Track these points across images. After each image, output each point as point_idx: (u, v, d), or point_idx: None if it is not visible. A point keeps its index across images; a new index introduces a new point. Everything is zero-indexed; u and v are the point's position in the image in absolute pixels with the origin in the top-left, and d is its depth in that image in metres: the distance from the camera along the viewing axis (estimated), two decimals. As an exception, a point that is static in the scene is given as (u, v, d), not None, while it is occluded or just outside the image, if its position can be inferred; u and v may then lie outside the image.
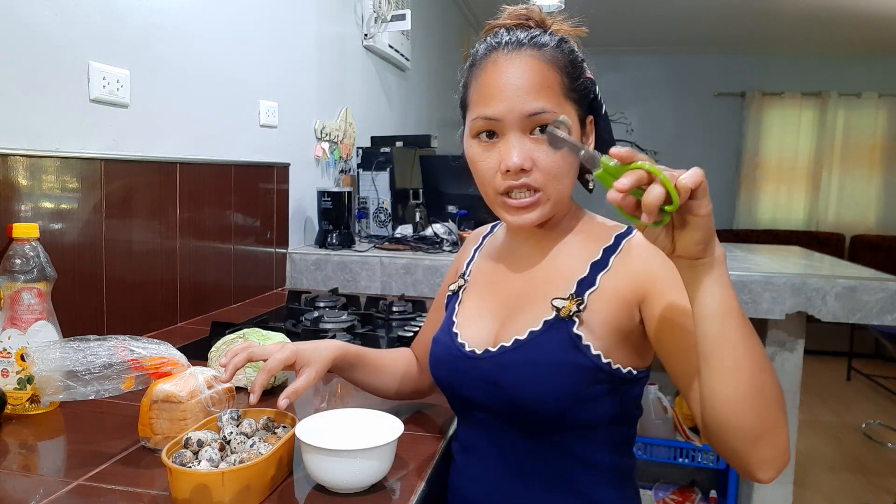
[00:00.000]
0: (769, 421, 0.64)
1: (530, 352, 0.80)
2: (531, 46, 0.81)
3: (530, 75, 0.79)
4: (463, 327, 0.89)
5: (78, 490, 0.74)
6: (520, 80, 0.79)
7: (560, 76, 0.81)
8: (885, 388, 4.49)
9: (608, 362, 0.78)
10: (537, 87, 0.79)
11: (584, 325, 0.79)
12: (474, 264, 0.98)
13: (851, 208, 5.86)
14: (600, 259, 0.82)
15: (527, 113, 0.79)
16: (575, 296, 0.80)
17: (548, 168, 0.80)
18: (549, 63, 0.80)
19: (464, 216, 2.34)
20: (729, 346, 0.63)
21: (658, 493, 2.32)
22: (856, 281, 1.82)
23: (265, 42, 1.91)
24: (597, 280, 0.81)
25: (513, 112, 0.79)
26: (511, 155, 0.79)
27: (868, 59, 5.71)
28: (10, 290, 0.95)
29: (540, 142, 0.79)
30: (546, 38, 0.82)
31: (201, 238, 1.62)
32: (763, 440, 0.64)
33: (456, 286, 0.96)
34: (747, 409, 0.64)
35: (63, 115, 1.21)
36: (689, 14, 4.75)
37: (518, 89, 0.79)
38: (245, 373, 1.05)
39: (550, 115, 0.78)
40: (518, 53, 0.80)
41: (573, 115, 0.82)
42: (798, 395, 2.02)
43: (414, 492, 0.77)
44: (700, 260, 0.62)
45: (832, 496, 2.95)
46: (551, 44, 0.82)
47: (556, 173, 0.80)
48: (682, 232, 0.61)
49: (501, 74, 0.80)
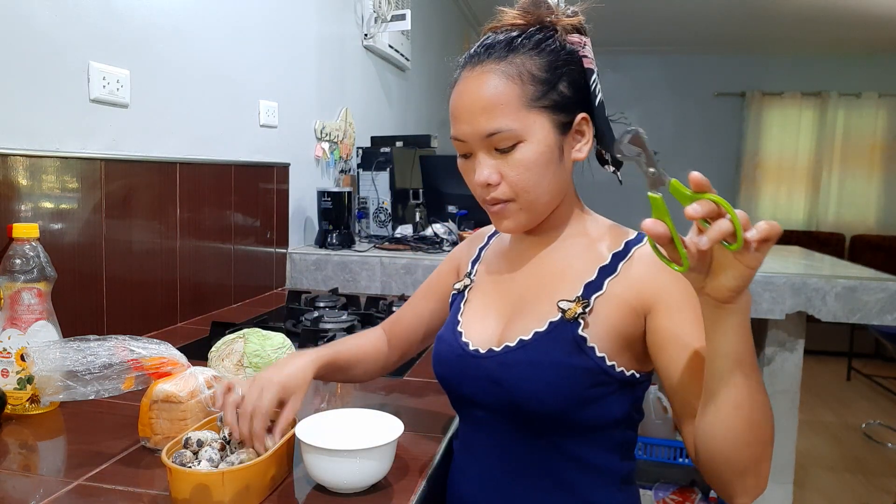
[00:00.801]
0: (758, 456, 0.67)
1: (534, 352, 0.80)
2: (494, 59, 0.80)
3: (485, 95, 0.79)
4: (467, 326, 0.89)
5: (78, 490, 0.74)
6: (475, 101, 0.80)
7: (522, 87, 0.79)
8: (885, 388, 4.49)
9: (612, 365, 0.78)
10: (491, 106, 0.79)
11: (588, 328, 0.79)
12: (480, 264, 0.98)
13: (851, 208, 5.86)
14: (609, 264, 0.82)
15: (483, 134, 0.80)
16: (581, 298, 0.80)
17: (514, 181, 0.80)
18: (509, 77, 0.79)
19: (464, 216, 2.34)
20: (735, 387, 0.65)
21: (658, 493, 2.32)
22: (856, 281, 1.82)
23: (265, 42, 1.91)
24: (604, 285, 0.81)
25: (473, 134, 0.81)
26: (475, 173, 0.82)
27: (868, 59, 5.71)
28: (10, 290, 0.95)
29: (506, 156, 0.80)
30: (517, 43, 0.80)
31: (201, 238, 1.62)
32: (749, 472, 0.68)
33: (461, 285, 0.96)
34: (741, 446, 0.66)
35: (63, 115, 1.21)
36: (689, 14, 4.75)
37: (472, 112, 0.80)
38: (245, 372, 1.06)
39: (507, 132, 0.78)
40: (479, 70, 0.80)
41: (542, 122, 0.80)
42: (798, 395, 2.02)
43: (414, 492, 0.77)
44: (727, 305, 0.62)
45: (832, 496, 2.95)
46: (522, 50, 0.80)
47: (523, 185, 0.81)
48: (719, 275, 0.60)
49: (461, 96, 0.81)
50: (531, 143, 0.79)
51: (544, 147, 0.80)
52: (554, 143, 0.81)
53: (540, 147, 0.80)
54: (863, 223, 5.85)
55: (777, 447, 2.20)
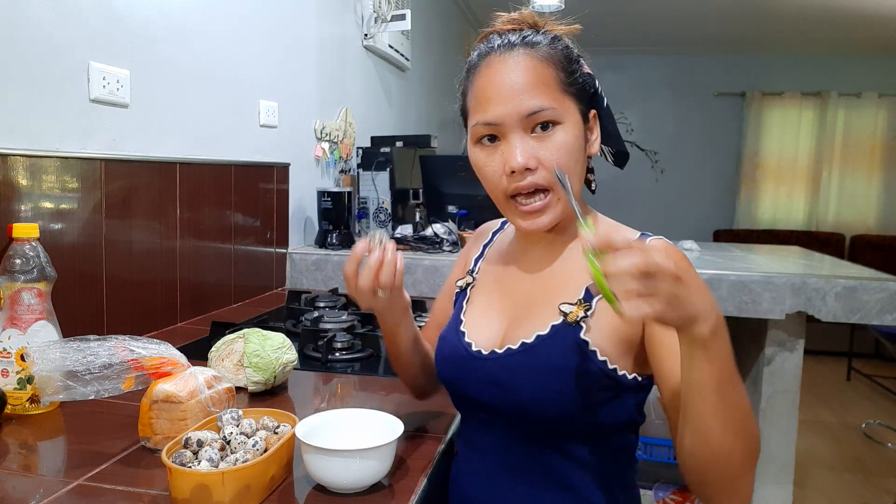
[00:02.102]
0: (731, 478, 0.67)
1: (536, 355, 0.79)
2: (523, 46, 0.81)
3: (524, 73, 0.79)
4: (470, 327, 0.89)
5: (78, 490, 0.74)
6: (515, 79, 0.79)
7: (556, 71, 0.80)
8: (885, 388, 4.49)
9: (614, 368, 0.78)
10: (532, 84, 0.78)
11: (590, 331, 0.78)
12: (483, 261, 0.97)
13: (851, 208, 5.86)
14: None
15: (525, 112, 0.78)
16: (583, 301, 0.80)
17: (552, 164, 0.78)
18: (543, 59, 0.80)
19: (464, 216, 2.34)
20: (701, 416, 0.65)
21: (658, 493, 2.32)
22: (856, 281, 1.82)
23: (265, 42, 1.91)
24: None
25: (511, 114, 0.78)
26: (514, 155, 0.78)
27: (868, 59, 5.71)
28: (10, 290, 0.95)
29: (543, 139, 0.79)
30: (538, 37, 0.82)
31: (201, 238, 1.62)
32: (725, 493, 0.69)
33: (464, 283, 0.96)
34: (710, 468, 0.67)
35: (63, 115, 1.21)
36: (689, 14, 4.75)
37: (513, 89, 0.78)
38: (245, 372, 1.06)
39: (549, 111, 0.78)
40: (511, 54, 0.80)
41: (573, 109, 0.81)
42: (798, 395, 2.02)
43: (414, 492, 0.77)
44: (681, 332, 0.62)
45: (832, 496, 2.95)
46: (544, 42, 0.82)
47: (562, 169, 0.79)
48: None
49: (496, 76, 0.80)
50: (567, 126, 0.80)
51: (578, 131, 0.81)
52: (581, 131, 0.82)
53: (575, 131, 0.80)
54: (863, 223, 5.85)
55: (777, 447, 2.19)
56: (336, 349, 1.29)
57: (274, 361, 1.06)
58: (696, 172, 6.04)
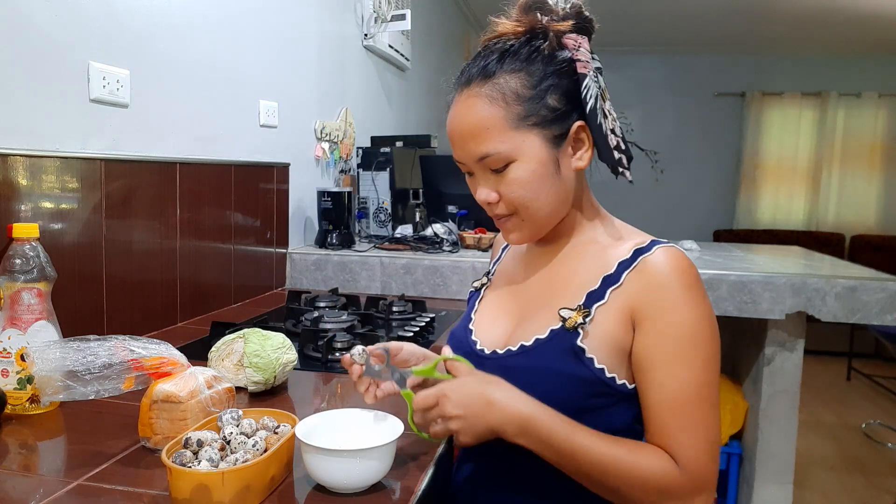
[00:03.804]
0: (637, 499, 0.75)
1: (534, 358, 0.80)
2: (478, 82, 0.80)
3: (471, 120, 0.81)
4: (479, 326, 0.91)
5: (78, 490, 0.74)
6: (462, 126, 0.82)
7: (507, 108, 0.79)
8: (885, 388, 4.49)
9: (612, 377, 0.78)
10: (478, 130, 0.80)
11: (588, 338, 0.78)
12: (500, 264, 0.99)
13: (851, 208, 5.86)
14: (613, 273, 0.81)
15: (474, 158, 0.82)
16: (583, 307, 0.80)
17: (511, 199, 0.82)
18: (492, 100, 0.79)
19: (464, 216, 2.34)
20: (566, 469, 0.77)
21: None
22: (856, 281, 1.82)
23: (265, 42, 1.91)
24: (606, 294, 0.80)
25: (466, 158, 0.83)
26: (476, 192, 0.85)
27: (868, 59, 5.71)
28: (10, 290, 0.95)
29: (502, 174, 0.81)
30: (502, 62, 0.79)
31: (201, 238, 1.62)
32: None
33: (479, 283, 0.98)
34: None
35: (63, 115, 1.21)
36: (689, 14, 4.75)
37: (462, 136, 0.82)
38: (245, 372, 1.05)
39: (496, 156, 0.80)
40: (466, 94, 0.81)
41: (532, 139, 0.79)
42: (798, 395, 2.02)
43: (414, 492, 0.77)
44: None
45: (832, 496, 2.95)
46: (507, 68, 0.79)
47: (520, 202, 0.82)
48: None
49: (452, 121, 0.83)
50: (523, 162, 0.80)
51: (536, 164, 0.80)
52: (548, 157, 0.81)
53: (532, 164, 0.80)
54: (863, 223, 5.85)
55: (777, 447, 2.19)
56: (336, 349, 1.29)
57: (274, 361, 1.06)
58: (696, 172, 6.03)
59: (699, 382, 0.75)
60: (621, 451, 0.75)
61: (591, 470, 0.74)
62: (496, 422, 0.75)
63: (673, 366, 0.76)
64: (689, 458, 0.74)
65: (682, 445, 0.74)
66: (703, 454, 0.74)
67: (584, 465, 0.74)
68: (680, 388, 0.75)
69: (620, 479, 0.74)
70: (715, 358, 0.77)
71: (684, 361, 0.75)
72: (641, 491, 0.74)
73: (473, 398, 0.75)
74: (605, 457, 0.74)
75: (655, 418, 0.77)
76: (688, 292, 0.77)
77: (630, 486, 0.74)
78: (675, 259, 0.79)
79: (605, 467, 0.74)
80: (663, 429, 0.76)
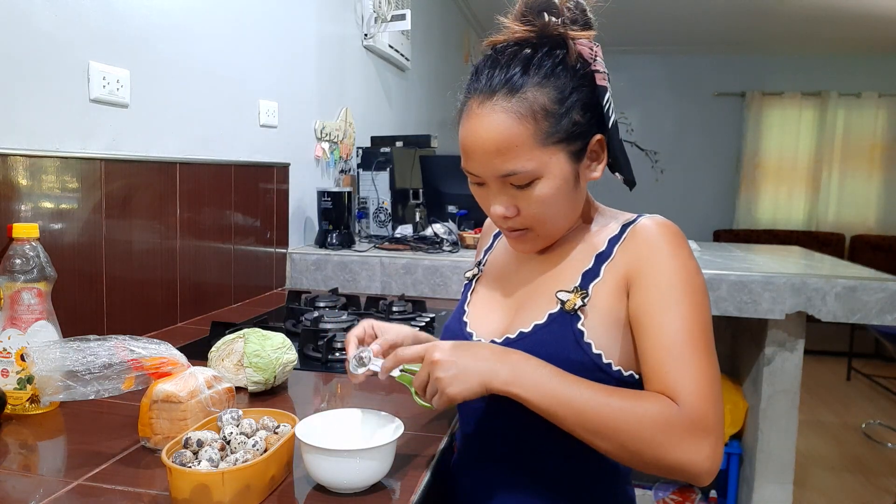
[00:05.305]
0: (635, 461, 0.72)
1: (533, 344, 0.80)
2: (504, 95, 0.77)
3: (498, 136, 0.76)
4: (473, 317, 0.91)
5: (78, 490, 0.74)
6: (487, 142, 0.77)
7: (536, 125, 0.76)
8: (885, 388, 4.49)
9: (609, 363, 0.78)
10: (505, 148, 0.77)
11: (588, 320, 0.79)
12: (491, 253, 0.99)
13: (851, 208, 5.86)
14: (605, 249, 0.83)
15: (498, 175, 0.79)
16: (580, 288, 0.81)
17: (532, 215, 0.81)
18: (521, 116, 0.76)
19: (464, 216, 2.34)
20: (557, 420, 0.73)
21: (658, 493, 2.32)
22: (856, 281, 1.82)
23: (265, 42, 1.91)
24: (601, 271, 0.81)
25: (486, 173, 0.80)
26: (493, 205, 0.82)
27: (868, 59, 5.71)
28: (10, 290, 0.95)
29: (523, 190, 0.79)
30: (527, 75, 0.77)
31: (201, 238, 1.62)
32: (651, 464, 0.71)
33: (471, 274, 0.98)
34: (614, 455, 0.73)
35: (63, 115, 1.21)
36: (689, 14, 4.75)
37: (486, 152, 0.78)
38: (245, 372, 1.06)
39: (523, 174, 0.78)
40: (490, 107, 0.77)
41: (559, 156, 0.78)
42: (798, 395, 2.02)
43: (414, 492, 0.77)
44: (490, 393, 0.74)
45: (832, 496, 2.95)
46: (532, 82, 0.77)
47: (541, 219, 0.81)
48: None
49: (472, 133, 0.79)
50: (548, 179, 0.79)
51: (561, 181, 0.79)
52: (570, 173, 0.80)
53: (557, 182, 0.79)
54: (863, 223, 5.85)
55: (777, 447, 2.19)
56: (336, 349, 1.29)
57: (274, 361, 1.06)
58: (696, 172, 6.03)
59: (693, 324, 0.75)
60: (618, 392, 0.73)
61: (588, 413, 0.71)
62: (487, 368, 0.73)
63: (667, 311, 0.75)
64: (688, 393, 0.72)
65: (678, 384, 0.72)
66: (702, 391, 0.72)
67: (580, 408, 0.71)
68: (675, 330, 0.74)
69: (619, 420, 0.71)
70: (706, 306, 0.77)
71: (679, 305, 0.75)
72: (643, 430, 0.70)
73: (463, 346, 0.76)
74: (601, 397, 0.72)
75: (654, 363, 0.75)
76: (676, 248, 0.78)
77: (629, 427, 0.71)
78: (662, 222, 0.81)
79: (602, 409, 0.71)
80: (661, 372, 0.74)
